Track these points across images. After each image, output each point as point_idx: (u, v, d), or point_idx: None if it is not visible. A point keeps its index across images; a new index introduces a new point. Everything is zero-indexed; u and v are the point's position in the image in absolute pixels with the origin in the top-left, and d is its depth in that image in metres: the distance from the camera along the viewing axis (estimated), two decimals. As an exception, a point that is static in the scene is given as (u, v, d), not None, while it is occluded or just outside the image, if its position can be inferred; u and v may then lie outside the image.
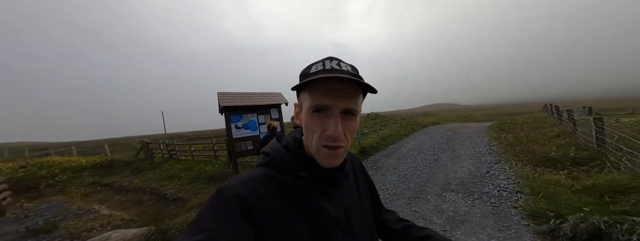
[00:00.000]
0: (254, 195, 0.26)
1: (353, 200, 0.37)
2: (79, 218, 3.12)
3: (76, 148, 10.60)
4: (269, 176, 0.29)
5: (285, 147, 0.33)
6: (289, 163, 0.31)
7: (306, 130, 0.30)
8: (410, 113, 25.97)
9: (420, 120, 17.53)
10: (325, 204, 0.31)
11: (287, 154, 0.32)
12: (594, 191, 1.94)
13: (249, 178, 0.28)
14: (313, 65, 0.31)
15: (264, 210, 0.25)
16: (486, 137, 6.89)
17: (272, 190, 0.28)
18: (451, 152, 5.17)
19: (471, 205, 2.36)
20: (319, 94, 0.28)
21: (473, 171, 3.58)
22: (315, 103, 0.28)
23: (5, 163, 6.69)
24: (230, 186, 0.26)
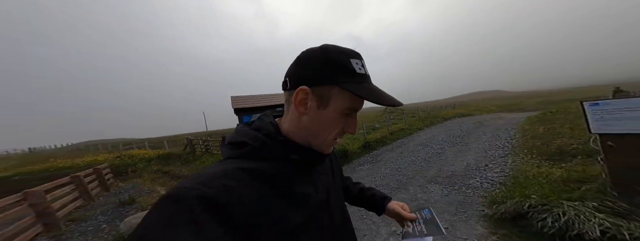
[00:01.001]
0: (225, 193, 0.22)
1: (329, 177, 0.39)
2: (147, 195, 4.22)
3: (148, 143, 14.20)
4: (244, 169, 0.26)
5: (266, 134, 0.31)
6: (274, 150, 0.29)
7: (326, 125, 0.29)
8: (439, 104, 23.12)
9: (446, 112, 15.68)
10: (309, 186, 0.32)
11: (270, 141, 0.30)
12: (568, 181, 1.81)
13: (217, 175, 0.24)
14: (351, 58, 0.29)
15: (243, 208, 0.22)
16: (515, 130, 5.96)
17: (251, 182, 0.25)
18: (461, 146, 4.84)
19: (445, 194, 2.44)
20: (357, 100, 0.28)
21: (471, 164, 3.42)
22: (353, 107, 0.28)
23: (108, 154, 9.75)
24: (188, 187, 0.21)
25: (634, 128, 1.31)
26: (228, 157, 0.31)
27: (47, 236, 2.77)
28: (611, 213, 1.26)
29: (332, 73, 0.27)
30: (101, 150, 14.20)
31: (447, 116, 12.52)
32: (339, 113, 0.29)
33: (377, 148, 5.97)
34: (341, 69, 0.28)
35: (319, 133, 0.30)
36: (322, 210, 0.33)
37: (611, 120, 1.40)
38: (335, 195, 0.39)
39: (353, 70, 0.28)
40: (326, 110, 0.29)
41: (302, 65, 0.29)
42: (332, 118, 0.29)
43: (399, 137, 7.22)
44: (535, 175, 2.27)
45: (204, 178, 0.23)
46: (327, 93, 0.28)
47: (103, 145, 19.67)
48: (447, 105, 21.50)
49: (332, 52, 0.28)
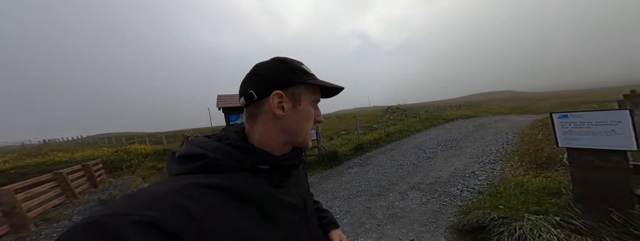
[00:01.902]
0: (178, 215, 0.19)
1: (304, 185, 0.40)
2: None
3: (149, 138, 14.50)
4: (200, 185, 0.23)
5: (230, 144, 0.28)
6: (240, 160, 0.27)
7: (306, 117, 0.33)
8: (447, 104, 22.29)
9: (450, 112, 15.23)
10: (284, 197, 0.30)
11: (237, 151, 0.27)
12: (543, 192, 1.75)
13: (162, 194, 0.20)
14: (301, 64, 0.34)
15: (200, 231, 0.19)
16: (515, 134, 5.73)
17: (213, 200, 0.22)
18: (455, 150, 4.73)
19: (423, 203, 2.43)
20: (318, 92, 0.35)
21: (459, 171, 3.36)
22: (318, 98, 0.35)
23: (109, 148, 9.27)
24: (121, 212, 0.17)
25: (595, 143, 1.27)
26: (176, 173, 0.26)
27: (12, 238, 2.59)
28: (569, 229, 1.22)
29: (297, 76, 0.32)
30: (106, 144, 14.39)
31: (450, 117, 12.17)
32: (310, 105, 0.34)
33: (370, 150, 5.92)
34: (300, 71, 0.33)
35: (300, 128, 0.33)
36: (301, 224, 0.33)
37: (578, 134, 1.35)
38: (311, 206, 0.39)
39: (307, 71, 0.34)
40: (301, 106, 0.32)
41: (265, 75, 0.31)
42: (307, 111, 0.33)
43: (394, 139, 7.13)
44: (516, 184, 2.21)
45: (144, 200, 0.19)
46: (297, 92, 0.32)
47: (109, 139, 20.13)
48: (453, 105, 20.81)
49: (287, 60, 0.34)
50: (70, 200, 3.92)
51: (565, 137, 1.40)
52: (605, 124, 1.25)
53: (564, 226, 1.26)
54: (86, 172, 4.74)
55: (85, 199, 4.03)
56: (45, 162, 7.23)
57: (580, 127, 1.33)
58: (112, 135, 29.34)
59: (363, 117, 18.32)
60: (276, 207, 0.29)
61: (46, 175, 3.71)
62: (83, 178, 4.60)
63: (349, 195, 2.96)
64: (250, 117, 0.32)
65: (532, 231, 1.23)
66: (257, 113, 0.32)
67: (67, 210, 3.51)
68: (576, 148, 1.35)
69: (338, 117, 23.22)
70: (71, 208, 3.55)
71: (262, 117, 0.31)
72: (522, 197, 1.77)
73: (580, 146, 1.33)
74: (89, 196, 4.24)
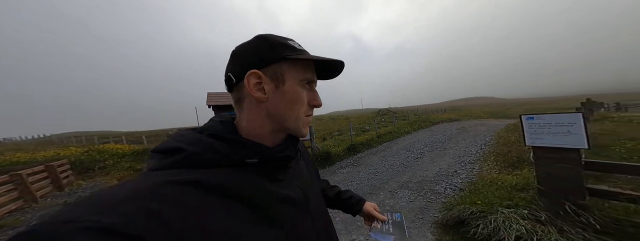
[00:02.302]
0: (139, 218, 0.16)
1: (306, 178, 0.36)
2: None
3: (126, 137, 13.25)
4: (174, 183, 0.20)
5: (212, 135, 0.25)
6: (224, 154, 0.24)
7: (294, 100, 0.27)
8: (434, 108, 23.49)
9: (436, 116, 16.14)
10: (280, 190, 0.28)
11: (220, 143, 0.25)
12: (514, 188, 1.95)
13: (125, 197, 0.17)
14: (286, 39, 0.29)
15: (169, 233, 0.17)
16: (492, 136, 6.24)
17: (187, 199, 0.19)
18: (440, 151, 5.02)
19: (411, 200, 2.54)
20: (311, 70, 0.29)
21: (443, 170, 3.57)
22: (308, 77, 0.28)
23: (76, 148, 8.23)
24: (65, 219, 0.14)
25: (554, 142, 1.45)
26: (155, 168, 0.23)
27: None
28: (534, 220, 1.37)
29: (277, 52, 0.27)
30: (74, 143, 13.09)
31: (436, 120, 12.87)
32: (299, 85, 0.28)
33: (362, 150, 6.06)
34: (283, 47, 0.28)
35: (288, 113, 0.28)
36: (303, 218, 0.30)
37: (542, 134, 1.53)
38: (315, 199, 0.36)
39: (294, 47, 0.28)
40: (285, 86, 0.27)
41: (243, 55, 0.28)
42: (294, 92, 0.28)
43: (385, 140, 7.37)
44: (492, 181, 2.41)
45: (100, 203, 0.17)
46: (279, 70, 0.27)
47: (78, 138, 18.28)
48: (439, 109, 22.13)
49: (269, 36, 0.28)
50: (29, 205, 3.57)
51: (531, 136, 1.57)
52: (563, 125, 1.44)
53: (531, 218, 1.41)
54: (50, 174, 4.32)
55: (48, 203, 3.69)
56: (0, 163, 6.40)
57: (544, 128, 1.51)
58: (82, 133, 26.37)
59: (356, 118, 18.71)
60: (271, 202, 0.26)
61: (2, 177, 3.34)
62: (46, 181, 4.22)
63: (341, 195, 3.05)
64: (236, 103, 0.29)
65: (505, 223, 1.37)
66: (240, 98, 0.28)
67: (25, 215, 3.21)
68: (540, 146, 1.53)
69: (332, 118, 23.50)
70: (30, 214, 3.26)
71: (246, 102, 0.28)
72: (496, 193, 1.95)
73: (543, 145, 1.51)
74: (52, 200, 3.87)
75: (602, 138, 3.84)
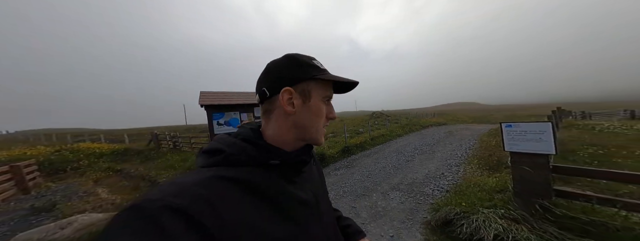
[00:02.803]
0: (199, 203, 0.20)
1: (317, 183, 0.39)
2: (80, 199, 3.45)
3: (105, 136, 12.39)
4: (221, 177, 0.25)
5: (245, 139, 0.31)
6: (254, 156, 0.29)
7: (317, 114, 0.33)
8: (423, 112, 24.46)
9: (426, 120, 16.88)
10: (295, 191, 0.31)
11: (250, 147, 0.29)
12: (494, 190, 2.14)
13: (186, 184, 0.22)
14: (312, 59, 0.34)
15: (218, 218, 0.21)
16: (475, 140, 6.67)
17: (227, 192, 0.24)
18: (429, 154, 5.26)
19: (402, 202, 2.65)
20: (330, 87, 0.34)
21: (432, 172, 3.76)
22: (329, 94, 0.34)
23: (45, 147, 7.67)
24: (155, 198, 0.19)
25: (528, 148, 1.62)
26: (202, 166, 0.29)
27: None
28: (510, 219, 1.52)
29: (306, 71, 0.32)
30: (44, 142, 11.93)
31: (426, 124, 13.44)
32: (321, 102, 0.33)
33: (356, 153, 6.17)
34: (311, 67, 0.32)
35: (311, 125, 0.33)
36: (313, 219, 0.32)
37: (518, 140, 1.70)
38: (325, 202, 0.39)
39: (318, 67, 0.33)
40: (311, 102, 0.32)
41: (276, 73, 0.32)
42: (317, 107, 0.33)
43: (378, 143, 7.56)
44: (474, 183, 2.59)
45: (173, 189, 0.21)
46: (307, 88, 0.32)
47: (47, 135, 16.68)
48: (429, 113, 23.18)
49: (298, 57, 0.33)
50: None
51: (509, 143, 1.74)
52: (535, 133, 1.61)
53: (507, 217, 1.55)
54: (14, 175, 3.97)
55: (11, 207, 3.31)
56: None
57: (520, 135, 1.68)
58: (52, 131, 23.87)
59: (350, 120, 18.98)
60: (289, 202, 0.29)
61: None
62: (9, 183, 3.85)
63: (335, 196, 3.05)
64: (265, 113, 0.34)
65: (485, 222, 1.49)
66: (270, 110, 0.33)
67: None
68: (516, 152, 1.69)
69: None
70: None
71: (275, 114, 0.32)
72: (478, 194, 2.10)
73: (519, 150, 1.67)
74: (16, 204, 3.50)
75: (570, 144, 4.27)
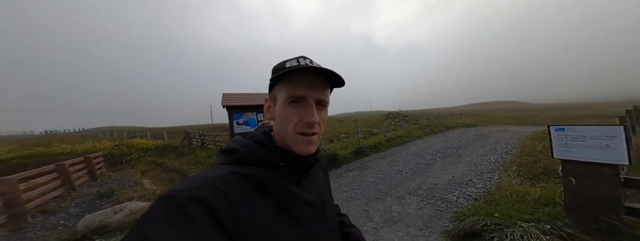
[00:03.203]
0: (218, 196, 0.22)
1: (323, 187, 0.39)
2: (130, 188, 3.99)
3: (150, 133, 14.30)
4: (237, 174, 0.27)
5: (257, 141, 0.32)
6: (263, 156, 0.30)
7: (281, 120, 0.31)
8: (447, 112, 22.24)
9: (450, 121, 15.25)
10: (301, 193, 0.32)
11: (260, 147, 0.31)
12: (538, 202, 1.79)
13: (209, 179, 0.25)
14: (287, 61, 0.31)
15: (233, 212, 0.22)
16: (515, 145, 5.75)
17: (241, 188, 0.25)
18: (453, 158, 4.76)
19: (419, 208, 2.46)
20: (295, 86, 0.29)
21: (456, 178, 3.39)
22: (292, 94, 0.29)
23: (110, 142, 9.41)
24: (184, 190, 0.22)
25: (588, 156, 1.32)
26: (221, 163, 0.31)
27: (8, 229, 2.52)
28: (559, 237, 1.26)
29: (274, 77, 0.31)
30: (108, 138, 14.35)
31: (451, 125, 12.16)
32: (286, 104, 0.30)
33: (369, 154, 5.95)
34: (279, 71, 0.30)
35: (280, 131, 0.32)
36: (318, 222, 0.32)
37: (574, 146, 1.40)
38: (330, 206, 0.39)
39: (284, 68, 0.30)
40: (277, 106, 0.32)
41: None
42: (282, 110, 0.30)
43: (394, 145, 7.16)
44: (512, 193, 2.24)
45: (198, 182, 0.24)
46: (274, 93, 0.33)
47: (110, 132, 20.13)
48: (455, 114, 20.88)
49: (280, 62, 0.33)
50: (68, 192, 3.92)
51: (560, 149, 1.45)
52: (599, 138, 1.31)
53: (554, 234, 1.30)
54: (87, 165, 4.76)
55: (84, 192, 4.02)
56: (47, 153, 7.27)
57: (576, 140, 1.38)
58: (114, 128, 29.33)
59: (364, 121, 18.35)
60: (294, 202, 0.30)
61: (49, 166, 3.73)
62: (83, 171, 4.63)
63: (347, 198, 3.00)
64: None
65: (523, 237, 1.28)
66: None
67: (65, 202, 3.49)
68: (570, 160, 1.40)
69: (339, 120, 23.26)
70: (69, 201, 3.53)
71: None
72: (516, 206, 1.82)
73: (575, 158, 1.38)
74: (87, 189, 4.23)
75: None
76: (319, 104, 0.31)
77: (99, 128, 35.47)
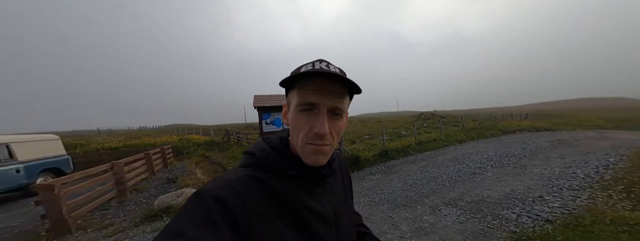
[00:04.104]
0: (234, 197, 0.24)
1: (340, 199, 0.37)
2: (187, 176, 4.72)
3: (202, 130, 17.41)
4: (251, 177, 0.28)
5: (273, 147, 0.32)
6: (276, 163, 0.30)
7: (293, 128, 0.29)
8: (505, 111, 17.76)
9: (509, 123, 12.11)
10: (312, 203, 0.30)
11: (274, 153, 0.31)
12: None
13: (229, 180, 0.26)
14: (303, 66, 0.30)
15: (245, 213, 0.24)
16: (621, 157, 4.04)
17: (256, 192, 0.26)
18: (513, 168, 3.77)
19: (460, 221, 2.04)
20: (307, 92, 0.27)
21: (517, 192, 2.65)
22: (302, 101, 0.27)
23: (177, 136, 11.49)
24: (208, 189, 0.24)
25: None
26: (242, 165, 0.32)
27: (116, 201, 3.28)
28: None
29: (290, 83, 0.29)
30: (176, 133, 17.68)
31: (509, 128, 9.67)
32: (297, 111, 0.28)
33: (396, 157, 5.41)
34: (294, 76, 0.29)
35: (293, 136, 0.30)
36: (330, 236, 0.30)
37: None
38: (348, 221, 0.37)
39: (300, 73, 0.28)
40: (290, 112, 0.30)
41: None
42: (292, 118, 0.29)
43: (427, 149, 6.25)
44: (614, 219, 1.57)
45: (220, 182, 0.26)
46: (289, 98, 0.31)
47: (176, 129, 25.80)
48: (515, 114, 16.45)
49: (298, 67, 0.31)
50: (150, 176, 4.89)
51: None
52: None
53: None
54: (162, 155, 5.98)
55: (159, 176, 4.91)
56: (139, 144, 9.52)
57: None
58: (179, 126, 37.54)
59: (390, 122, 16.85)
60: (304, 213, 0.29)
61: (140, 155, 4.77)
62: (160, 159, 5.82)
63: (369, 202, 2.80)
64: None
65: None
66: None
67: (148, 183, 4.33)
68: None
69: (361, 121, 21.97)
70: (150, 183, 4.35)
71: None
72: (623, 236, 1.25)
73: None
74: (161, 174, 5.18)
75: None
76: (333, 113, 0.28)
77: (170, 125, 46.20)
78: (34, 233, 2.39)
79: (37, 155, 4.23)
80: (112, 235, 2.33)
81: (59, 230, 2.34)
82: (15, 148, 3.83)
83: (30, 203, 3.10)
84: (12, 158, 3.78)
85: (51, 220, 2.34)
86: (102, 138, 11.51)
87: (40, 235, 2.34)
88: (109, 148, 8.67)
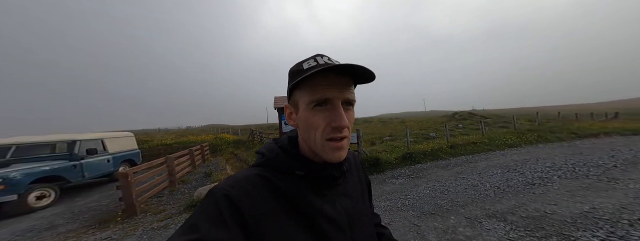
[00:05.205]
0: (244, 195, 0.25)
1: (354, 201, 0.35)
2: (219, 172, 5.17)
3: (232, 130, 19.14)
4: (261, 176, 0.28)
5: (281, 147, 0.32)
6: (285, 163, 0.30)
7: (307, 127, 0.28)
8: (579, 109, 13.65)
9: (586, 124, 9.24)
10: (321, 205, 0.29)
11: (283, 154, 0.31)
12: None
13: (240, 179, 0.27)
14: (303, 62, 0.29)
15: (254, 211, 0.24)
16: None
17: (264, 191, 0.27)
18: (596, 181, 2.87)
19: (509, 238, 1.65)
20: (320, 88, 0.26)
21: (600, 211, 1.99)
22: (317, 98, 0.26)
23: (213, 135, 12.96)
24: (221, 187, 0.26)
25: None
26: (254, 164, 0.33)
27: (168, 190, 3.85)
28: None
29: (291, 82, 0.29)
30: (212, 132, 18.71)
31: (588, 131, 7.37)
32: (309, 109, 0.28)
33: (423, 161, 4.82)
34: (296, 74, 0.28)
35: (307, 138, 0.29)
36: (339, 233, 0.29)
37: None
38: (363, 224, 0.35)
39: (303, 69, 0.28)
40: (300, 112, 0.29)
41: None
42: (306, 117, 0.28)
43: (463, 153, 5.35)
44: None
45: (232, 181, 0.27)
46: (295, 98, 0.30)
47: (213, 128, 29.53)
48: (596, 113, 12.37)
49: (293, 67, 0.30)
50: (192, 170, 5.55)
51: None
52: None
53: None
54: (201, 151, 6.80)
55: (198, 171, 5.56)
56: (185, 141, 11.24)
57: None
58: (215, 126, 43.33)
59: (415, 122, 15.16)
60: (312, 215, 0.28)
61: (185, 150, 5.58)
62: (199, 155, 6.60)
63: (391, 207, 2.57)
64: None
65: None
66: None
67: (191, 176, 4.98)
68: None
69: (382, 121, 20.23)
70: (193, 176, 5.00)
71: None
72: None
73: None
74: (200, 168, 5.87)
75: None
76: (347, 104, 0.29)
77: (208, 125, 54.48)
78: (114, 213, 3.02)
79: (120, 149, 5.37)
80: (163, 219, 2.72)
81: (129, 212, 2.83)
82: (107, 142, 5.01)
83: (113, 188, 3.89)
84: (105, 150, 4.94)
85: (126, 203, 2.84)
86: (161, 136, 14.06)
87: (118, 214, 2.88)
88: (165, 144, 10.55)
